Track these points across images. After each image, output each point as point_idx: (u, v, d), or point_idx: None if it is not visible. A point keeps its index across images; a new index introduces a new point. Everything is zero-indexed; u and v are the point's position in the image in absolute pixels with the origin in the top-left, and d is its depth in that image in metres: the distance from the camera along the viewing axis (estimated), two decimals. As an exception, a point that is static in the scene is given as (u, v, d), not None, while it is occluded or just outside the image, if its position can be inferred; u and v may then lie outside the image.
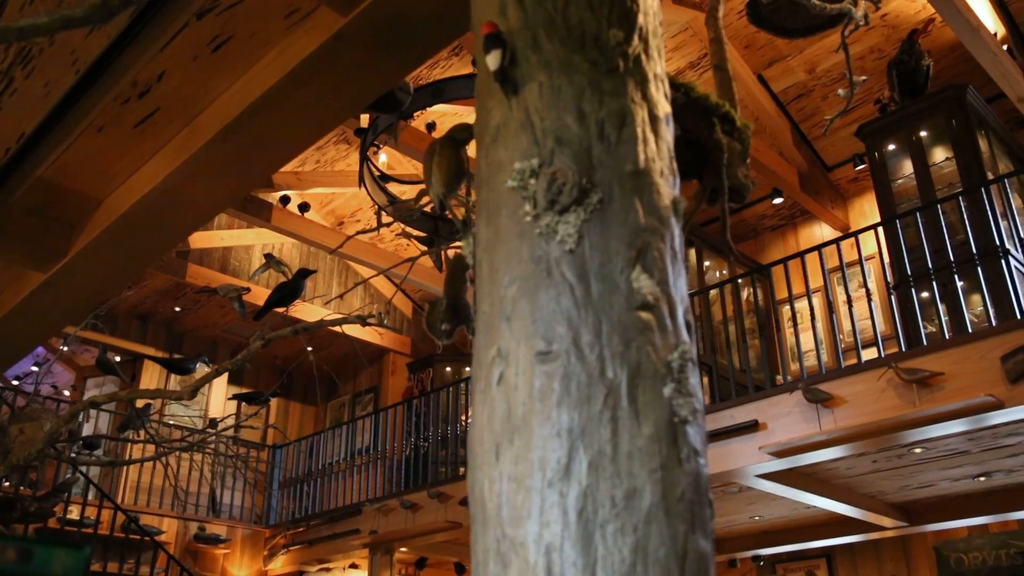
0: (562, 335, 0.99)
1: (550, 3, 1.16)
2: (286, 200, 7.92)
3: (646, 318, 1.00)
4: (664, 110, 1.19)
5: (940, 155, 6.43)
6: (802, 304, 6.79)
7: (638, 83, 1.16)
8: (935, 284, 5.49)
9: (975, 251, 5.48)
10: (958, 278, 5.52)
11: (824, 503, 6.15)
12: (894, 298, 6.10)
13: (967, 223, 5.54)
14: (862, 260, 5.74)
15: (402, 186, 5.34)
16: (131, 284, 8.41)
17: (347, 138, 8.12)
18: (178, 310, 9.79)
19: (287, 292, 4.16)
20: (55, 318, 3.38)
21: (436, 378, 9.57)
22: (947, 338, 5.08)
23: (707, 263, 8.06)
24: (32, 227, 2.84)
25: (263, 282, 9.29)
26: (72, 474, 7.25)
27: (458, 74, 5.00)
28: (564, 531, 0.90)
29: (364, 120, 5.22)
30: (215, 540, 9.11)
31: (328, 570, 9.31)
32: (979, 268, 5.39)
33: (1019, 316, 5.14)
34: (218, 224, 9.02)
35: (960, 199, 5.59)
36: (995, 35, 5.54)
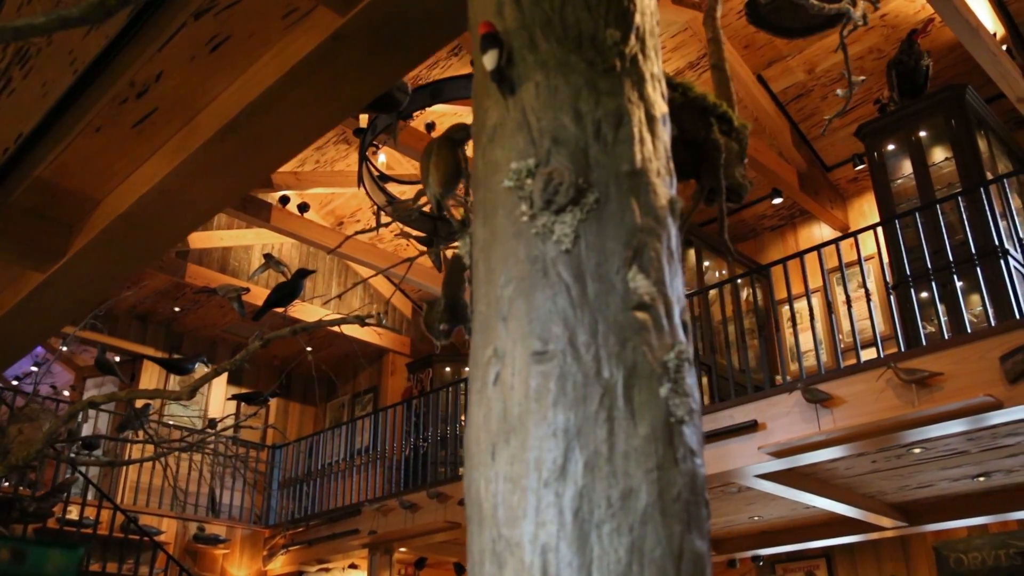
0: (558, 335, 0.99)
1: (547, 3, 1.15)
2: (285, 200, 7.92)
3: (642, 318, 1.00)
4: (661, 110, 1.19)
5: (939, 155, 6.43)
6: (801, 304, 6.79)
7: (635, 83, 1.16)
8: (934, 284, 5.48)
9: (974, 251, 5.48)
10: (957, 278, 5.52)
11: (823, 503, 6.15)
12: (893, 298, 6.10)
13: (966, 223, 5.54)
14: (861, 260, 5.74)
15: (401, 186, 5.34)
16: (130, 284, 8.41)
17: (347, 138, 8.12)
18: (177, 310, 9.78)
19: (286, 292, 4.17)
20: (54, 318, 3.38)
21: (435, 378, 9.56)
22: (946, 338, 5.08)
23: (706, 263, 8.06)
24: (30, 227, 2.84)
25: (262, 282, 9.29)
26: (71, 474, 7.25)
27: (457, 74, 5.00)
28: (560, 531, 0.90)
29: (363, 120, 5.22)
30: (214, 540, 9.10)
31: (327, 570, 9.30)
32: (978, 268, 5.38)
33: (1018, 316, 5.14)
34: (217, 224, 9.02)
35: (959, 199, 5.59)
36: (994, 35, 5.54)
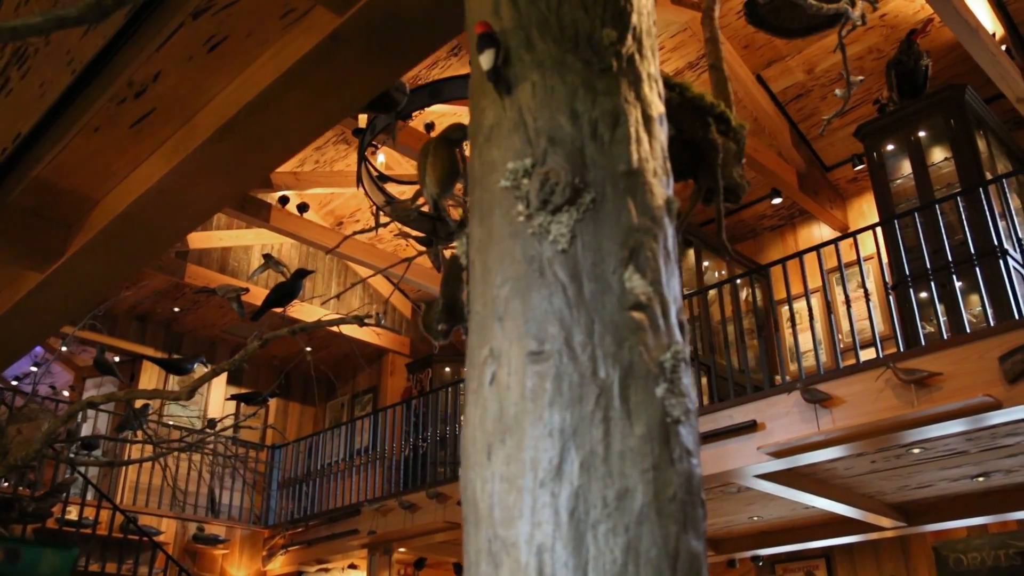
0: (554, 335, 0.98)
1: (544, 2, 1.15)
2: (285, 200, 7.92)
3: (639, 318, 1.00)
4: (658, 110, 1.19)
5: (939, 155, 6.43)
6: (801, 304, 6.79)
7: (632, 83, 1.16)
8: (933, 284, 5.48)
9: (973, 251, 5.48)
10: (956, 278, 5.52)
11: (823, 503, 6.15)
12: (892, 298, 6.10)
13: (965, 223, 5.54)
14: (860, 260, 5.74)
15: (400, 186, 5.33)
16: (129, 284, 8.41)
17: (346, 138, 8.11)
18: (177, 310, 9.78)
19: (284, 292, 4.17)
20: (52, 318, 3.38)
21: (435, 378, 9.56)
22: (945, 338, 5.08)
23: (706, 263, 8.05)
24: (29, 227, 2.84)
25: (262, 282, 9.29)
26: (70, 474, 7.24)
27: (457, 74, 5.00)
28: (555, 531, 0.90)
29: (362, 120, 5.22)
30: (214, 540, 9.10)
31: (327, 570, 9.30)
32: (977, 268, 5.38)
33: (1017, 316, 5.14)
34: (217, 224, 9.02)
35: (958, 199, 5.59)
36: (994, 35, 5.54)
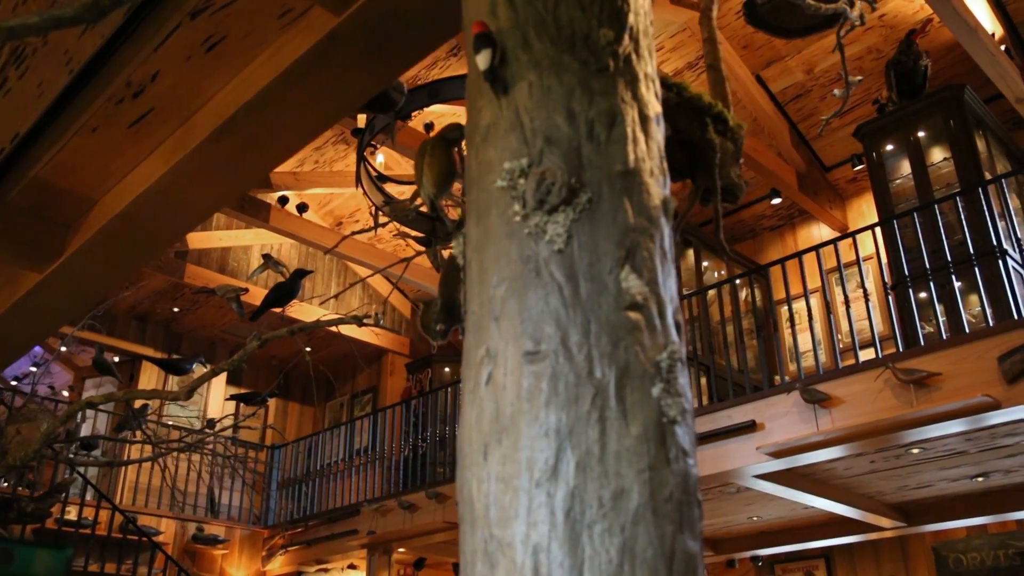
0: (550, 335, 0.98)
1: (540, 3, 1.15)
2: (284, 200, 7.91)
3: (635, 318, 1.00)
4: (655, 110, 1.19)
5: (938, 155, 6.43)
6: (800, 304, 6.79)
7: (628, 83, 1.15)
8: (933, 284, 5.48)
9: (972, 251, 5.47)
10: (955, 278, 5.52)
11: (822, 503, 6.15)
12: (892, 298, 6.09)
13: (965, 223, 5.54)
14: (860, 260, 5.73)
15: (400, 186, 5.33)
16: (129, 284, 8.40)
17: (345, 138, 8.11)
18: (176, 311, 9.78)
19: (283, 292, 4.17)
20: (51, 318, 3.38)
21: (435, 378, 9.56)
22: (944, 338, 5.07)
23: (705, 263, 8.05)
24: (27, 227, 2.84)
25: (261, 282, 9.29)
26: (70, 474, 7.24)
27: (456, 74, 4.99)
28: (551, 531, 0.90)
29: (362, 120, 5.22)
30: (213, 540, 9.10)
31: (326, 570, 9.30)
32: (976, 268, 5.38)
33: (1016, 316, 5.13)
34: (216, 224, 9.02)
35: (958, 199, 5.59)
36: (993, 35, 5.53)
